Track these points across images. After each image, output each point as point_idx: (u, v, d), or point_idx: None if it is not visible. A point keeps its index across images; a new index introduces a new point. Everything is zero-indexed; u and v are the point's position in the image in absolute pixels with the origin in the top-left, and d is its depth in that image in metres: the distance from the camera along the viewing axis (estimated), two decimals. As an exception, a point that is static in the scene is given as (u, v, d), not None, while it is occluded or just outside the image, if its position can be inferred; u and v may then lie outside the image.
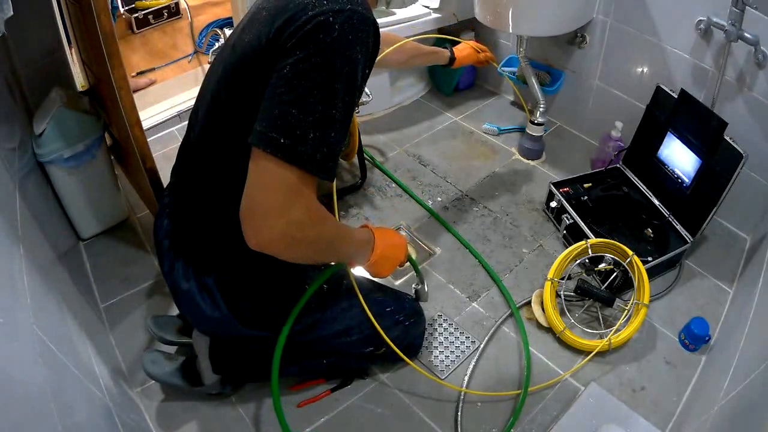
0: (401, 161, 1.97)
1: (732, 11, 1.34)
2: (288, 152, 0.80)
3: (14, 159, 1.28)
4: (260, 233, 0.83)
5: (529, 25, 1.69)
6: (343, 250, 1.02)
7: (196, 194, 1.06)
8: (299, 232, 0.84)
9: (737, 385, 1.00)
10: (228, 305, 1.09)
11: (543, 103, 1.87)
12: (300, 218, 0.83)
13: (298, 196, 0.82)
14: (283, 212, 0.82)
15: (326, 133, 0.82)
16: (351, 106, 0.86)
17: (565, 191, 1.66)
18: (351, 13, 0.80)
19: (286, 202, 0.82)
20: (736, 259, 1.59)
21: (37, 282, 1.00)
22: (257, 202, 0.82)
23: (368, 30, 0.83)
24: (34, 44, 1.64)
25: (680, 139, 1.53)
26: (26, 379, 0.76)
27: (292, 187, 0.82)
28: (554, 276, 1.43)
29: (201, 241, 1.08)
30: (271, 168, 0.81)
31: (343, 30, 0.79)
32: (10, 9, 1.02)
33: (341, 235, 0.98)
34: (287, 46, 0.81)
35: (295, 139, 0.80)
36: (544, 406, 1.27)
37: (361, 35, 0.82)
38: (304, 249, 0.89)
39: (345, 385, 1.31)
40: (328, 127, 0.82)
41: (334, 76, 0.80)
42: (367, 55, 0.85)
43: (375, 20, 0.86)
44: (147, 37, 2.73)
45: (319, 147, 0.81)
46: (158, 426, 1.24)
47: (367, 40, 0.84)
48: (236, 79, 0.90)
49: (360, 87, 0.87)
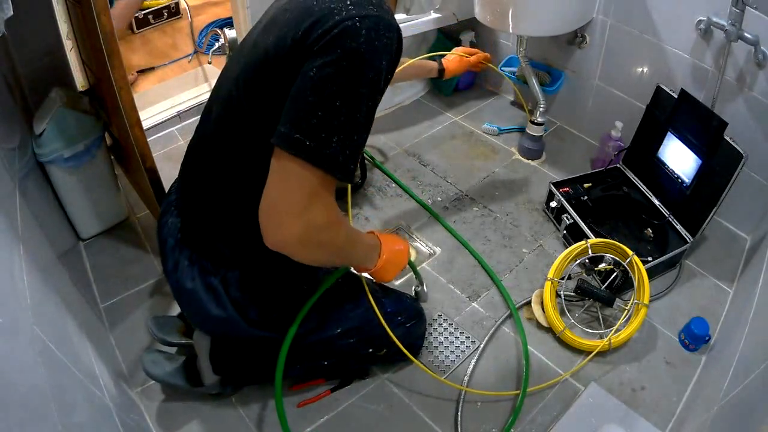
0: (401, 161, 1.97)
1: (732, 11, 1.34)
2: (312, 154, 0.81)
3: (14, 159, 1.28)
4: (279, 233, 0.85)
5: (529, 25, 1.69)
6: (354, 255, 1.04)
7: (209, 191, 1.05)
8: (316, 233, 0.86)
9: (737, 385, 1.00)
10: (234, 305, 1.09)
11: (543, 103, 1.87)
12: (318, 220, 0.85)
13: (318, 197, 0.84)
14: (303, 213, 0.83)
15: (350, 137, 0.83)
16: (373, 111, 0.87)
17: (565, 191, 1.66)
18: (377, 20, 0.81)
19: (306, 203, 0.83)
20: (736, 259, 1.59)
21: (37, 282, 1.00)
22: (278, 201, 0.84)
23: (393, 36, 0.84)
24: (34, 44, 1.64)
25: (680, 139, 1.53)
26: (26, 379, 0.76)
27: (313, 189, 0.83)
28: (554, 276, 1.44)
29: (211, 239, 1.08)
30: (294, 169, 0.82)
31: (369, 36, 0.80)
32: (10, 9, 1.02)
33: (353, 239, 1.01)
34: (314, 48, 0.81)
35: (320, 141, 0.81)
36: (544, 406, 1.27)
37: (386, 41, 0.83)
38: (319, 251, 0.91)
39: (345, 385, 1.31)
40: (352, 131, 0.83)
41: (360, 81, 0.81)
42: (391, 61, 0.86)
43: (398, 27, 0.86)
44: (147, 37, 2.73)
45: (343, 150, 0.83)
46: (158, 426, 1.24)
47: (391, 47, 0.85)
48: (258, 77, 0.90)
49: (382, 92, 0.88)
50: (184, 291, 1.10)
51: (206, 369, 1.22)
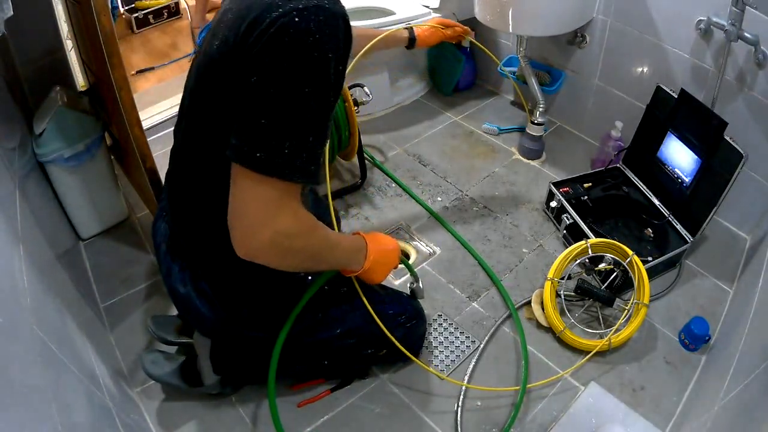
0: (401, 161, 1.97)
1: (732, 11, 1.34)
2: (264, 166, 0.78)
3: (14, 159, 1.28)
4: (247, 244, 0.83)
5: (529, 25, 1.69)
6: (334, 259, 1.01)
7: (187, 200, 1.05)
8: (287, 241, 0.84)
9: (737, 385, 1.00)
10: (226, 308, 1.09)
11: (543, 103, 1.87)
12: (286, 228, 0.83)
13: (282, 206, 0.82)
14: (268, 223, 0.81)
15: (303, 139, 0.80)
16: (327, 107, 0.82)
17: (565, 191, 1.66)
18: (316, 10, 0.76)
19: (270, 213, 0.81)
20: (736, 259, 1.59)
21: (37, 282, 1.00)
22: (241, 214, 0.82)
23: (336, 24, 0.78)
24: (34, 44, 1.64)
25: (680, 138, 1.53)
26: (26, 379, 0.76)
27: (273, 199, 0.81)
28: (554, 276, 1.43)
29: (196, 247, 1.07)
30: (249, 182, 0.80)
31: (308, 29, 0.75)
32: (10, 9, 1.02)
33: (331, 243, 0.97)
34: (253, 52, 0.78)
35: (270, 150, 0.78)
36: (544, 406, 1.27)
37: (328, 31, 0.77)
38: (293, 258, 0.89)
39: (345, 385, 1.31)
40: (304, 133, 0.80)
41: (303, 80, 0.77)
42: (338, 50, 0.80)
43: (344, 13, 0.80)
44: (147, 37, 2.74)
45: (297, 154, 0.80)
46: (158, 426, 1.24)
47: (336, 35, 0.79)
48: (207, 86, 0.88)
49: (335, 84, 0.83)
50: (178, 295, 1.11)
51: (206, 369, 1.22)
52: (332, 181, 1.88)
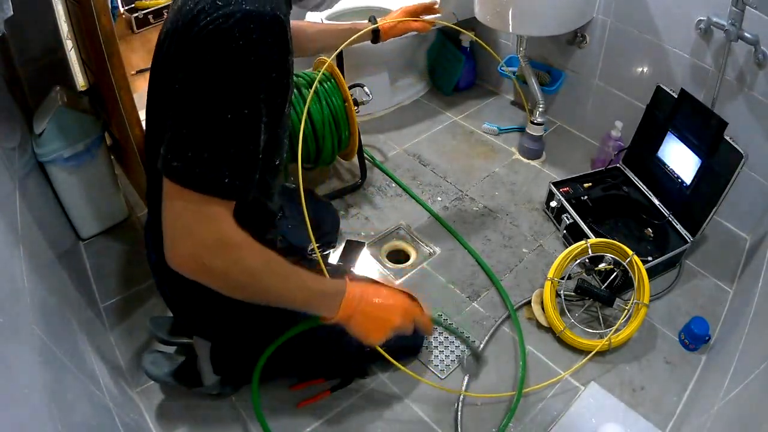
0: (401, 161, 1.97)
1: (732, 11, 1.34)
2: (182, 176, 0.76)
3: (14, 159, 1.28)
4: (170, 254, 0.81)
5: (529, 25, 1.69)
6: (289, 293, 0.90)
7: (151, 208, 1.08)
8: (209, 256, 0.80)
9: (737, 385, 1.00)
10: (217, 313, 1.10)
11: (543, 103, 1.87)
12: (209, 242, 0.80)
13: (202, 219, 0.79)
14: (188, 235, 0.79)
15: (221, 151, 0.77)
16: (253, 117, 0.78)
17: (565, 191, 1.66)
18: (243, 16, 0.73)
19: (188, 225, 0.79)
20: (736, 259, 1.59)
21: (37, 282, 1.00)
22: (166, 224, 0.80)
23: (266, 28, 0.75)
24: (34, 44, 1.64)
25: (680, 138, 1.53)
26: (26, 379, 0.76)
27: (194, 211, 0.78)
28: (554, 276, 1.43)
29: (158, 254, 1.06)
30: (171, 192, 0.78)
31: (232, 36, 0.73)
32: (10, 9, 1.02)
33: (275, 271, 0.88)
34: (179, 61, 0.77)
35: (188, 160, 0.76)
36: (544, 406, 1.27)
37: (256, 37, 0.74)
38: (221, 278, 0.83)
39: (345, 384, 1.31)
40: (225, 145, 0.77)
41: (222, 89, 0.75)
42: (272, 55, 0.77)
43: (275, 14, 0.76)
44: (147, 37, 2.74)
45: (218, 166, 0.76)
46: (158, 426, 1.24)
47: (266, 40, 0.76)
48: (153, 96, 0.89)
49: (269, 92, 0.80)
50: (170, 301, 1.13)
51: (206, 369, 1.22)
52: (332, 181, 1.88)
